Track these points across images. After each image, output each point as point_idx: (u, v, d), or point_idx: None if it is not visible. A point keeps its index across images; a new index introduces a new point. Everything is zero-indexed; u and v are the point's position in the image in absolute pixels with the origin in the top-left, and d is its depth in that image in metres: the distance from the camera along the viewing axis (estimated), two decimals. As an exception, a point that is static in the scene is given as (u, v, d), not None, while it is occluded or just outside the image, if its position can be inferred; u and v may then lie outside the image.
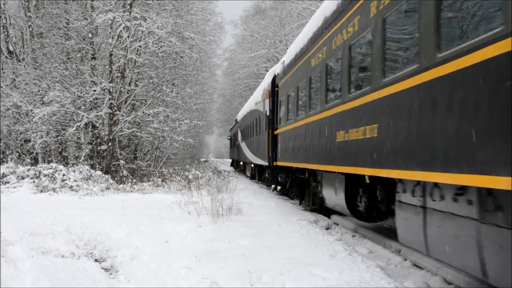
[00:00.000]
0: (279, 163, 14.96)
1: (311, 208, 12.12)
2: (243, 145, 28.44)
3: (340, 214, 11.14)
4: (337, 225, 10.56)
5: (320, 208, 11.75)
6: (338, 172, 8.50)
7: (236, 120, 37.61)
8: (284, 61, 14.83)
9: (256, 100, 21.66)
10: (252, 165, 26.17)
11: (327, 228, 9.97)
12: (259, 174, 24.21)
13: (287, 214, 11.06)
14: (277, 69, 16.23)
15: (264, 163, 18.02)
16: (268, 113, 16.74)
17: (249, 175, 29.22)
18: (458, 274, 5.84)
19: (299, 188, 13.54)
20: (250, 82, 47.06)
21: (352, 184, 8.28)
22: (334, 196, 9.17)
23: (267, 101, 17.20)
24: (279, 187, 16.53)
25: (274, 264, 6.10)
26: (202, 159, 54.34)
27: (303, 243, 7.54)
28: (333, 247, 7.22)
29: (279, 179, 16.02)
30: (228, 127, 59.77)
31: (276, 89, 15.85)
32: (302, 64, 11.67)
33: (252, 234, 8.27)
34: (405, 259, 7.12)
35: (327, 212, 11.59)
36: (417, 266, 6.75)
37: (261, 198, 14.92)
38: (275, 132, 15.64)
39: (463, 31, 4.36)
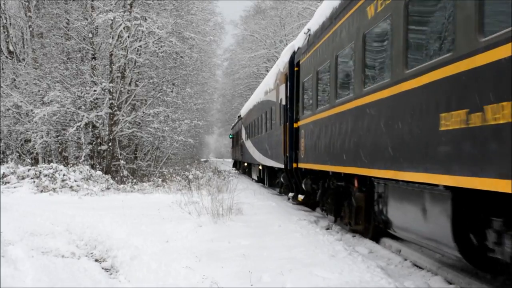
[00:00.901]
0: (303, 166, 11.82)
1: (353, 228, 8.67)
2: (248, 144, 25.63)
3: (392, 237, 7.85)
4: (338, 225, 10.38)
5: (366, 229, 8.38)
6: (445, 187, 4.93)
7: (239, 116, 34.45)
8: (309, 29, 11.29)
9: (266, 88, 18.34)
10: (260, 167, 22.27)
11: (327, 228, 9.97)
12: (270, 178, 19.93)
13: (287, 214, 11.06)
14: (297, 43, 12.88)
15: (278, 165, 14.83)
16: (284, 102, 13.49)
17: (255, 178, 25.10)
18: (458, 274, 5.84)
19: (334, 199, 9.51)
20: (251, 82, 47.07)
21: (467, 208, 4.77)
22: (420, 223, 5.56)
23: (282, 88, 13.95)
24: (301, 197, 12.62)
25: (274, 264, 6.10)
26: (202, 159, 54.35)
27: (303, 243, 7.54)
28: (333, 247, 7.22)
29: (303, 187, 12.07)
30: (228, 127, 59.64)
31: (296, 69, 12.62)
32: (346, 21, 8.09)
33: (252, 234, 8.27)
34: (405, 259, 7.12)
35: (376, 235, 8.32)
36: (417, 266, 6.75)
37: (261, 198, 14.92)
38: (296, 126, 12.51)
39: None
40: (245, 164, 31.74)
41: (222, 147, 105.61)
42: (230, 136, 46.70)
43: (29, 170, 18.49)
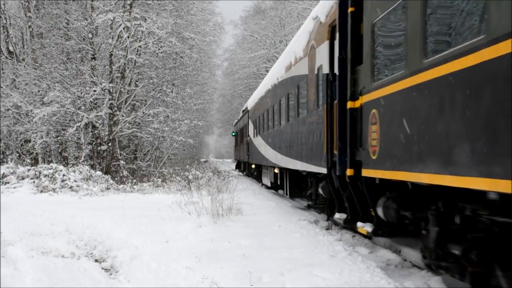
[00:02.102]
0: (379, 175, 6.40)
1: None
2: (258, 141, 20.88)
3: None
4: (337, 225, 10.36)
5: None
6: None
7: (245, 109, 28.90)
8: None
9: (289, 61, 12.98)
10: (276, 170, 16.82)
11: (327, 229, 9.96)
12: (292, 187, 14.13)
13: (287, 214, 11.06)
14: None
15: (315, 169, 9.82)
16: (327, 70, 8.57)
17: (267, 184, 19.79)
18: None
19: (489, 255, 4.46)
20: (250, 83, 47.10)
21: None
22: None
23: (323, 49, 9.01)
24: (366, 228, 7.19)
25: (274, 264, 6.10)
26: (202, 160, 54.37)
27: (303, 243, 7.54)
28: (333, 247, 7.22)
29: (379, 213, 6.62)
30: (228, 128, 59.43)
31: (351, 9, 7.22)
32: None
33: (252, 234, 8.27)
34: (405, 260, 7.12)
35: None
36: (417, 266, 6.75)
37: (261, 198, 14.92)
38: (354, 105, 7.20)
39: None
40: (253, 166, 26.32)
41: (222, 147, 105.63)
42: (233, 133, 42.28)
43: (29, 170, 18.50)
